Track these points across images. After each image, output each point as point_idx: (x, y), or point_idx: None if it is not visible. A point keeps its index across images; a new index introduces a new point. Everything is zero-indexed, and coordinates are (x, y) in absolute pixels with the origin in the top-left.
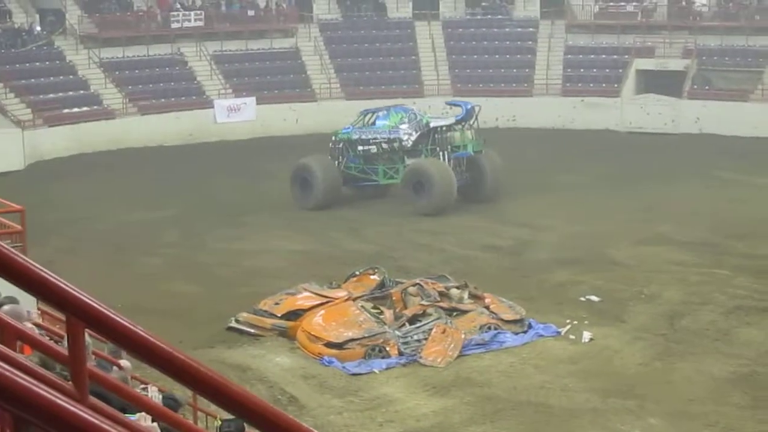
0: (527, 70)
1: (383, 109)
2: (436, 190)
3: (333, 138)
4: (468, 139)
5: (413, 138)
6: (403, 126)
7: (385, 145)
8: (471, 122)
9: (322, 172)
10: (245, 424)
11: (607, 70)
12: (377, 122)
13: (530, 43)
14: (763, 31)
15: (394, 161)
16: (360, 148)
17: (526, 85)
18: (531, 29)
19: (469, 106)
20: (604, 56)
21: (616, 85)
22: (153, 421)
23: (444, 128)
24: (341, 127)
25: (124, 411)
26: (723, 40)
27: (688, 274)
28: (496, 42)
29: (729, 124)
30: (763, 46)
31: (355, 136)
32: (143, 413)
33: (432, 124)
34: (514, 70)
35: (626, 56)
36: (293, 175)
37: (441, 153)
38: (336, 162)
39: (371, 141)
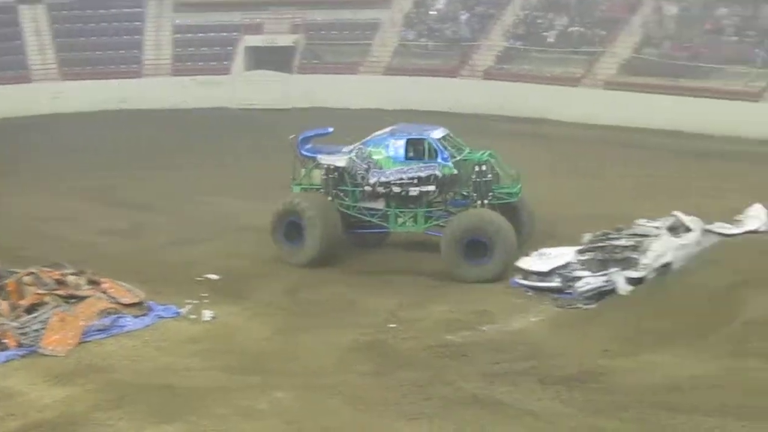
0: (135, 51)
1: None
2: None
3: None
4: None
5: None
6: None
7: None
8: None
9: None
10: None
11: (217, 48)
12: None
13: (137, 23)
14: (369, 4)
15: None
16: None
17: (135, 66)
18: (138, 9)
19: None
20: (213, 34)
21: (226, 63)
22: None
23: None
24: None
25: None
26: (330, 14)
27: None
28: (103, 23)
29: (340, 96)
30: (370, 19)
31: None
32: None
33: None
34: (122, 52)
35: (235, 33)
36: None
37: None
38: None
39: None
